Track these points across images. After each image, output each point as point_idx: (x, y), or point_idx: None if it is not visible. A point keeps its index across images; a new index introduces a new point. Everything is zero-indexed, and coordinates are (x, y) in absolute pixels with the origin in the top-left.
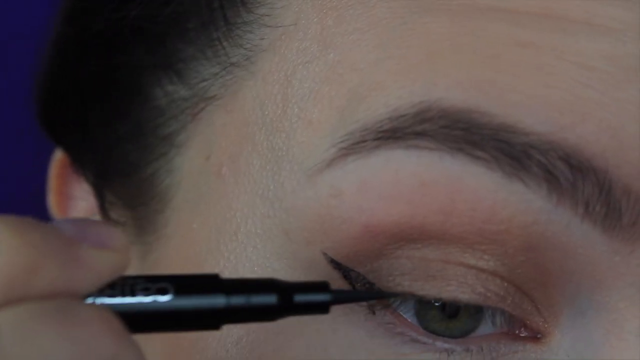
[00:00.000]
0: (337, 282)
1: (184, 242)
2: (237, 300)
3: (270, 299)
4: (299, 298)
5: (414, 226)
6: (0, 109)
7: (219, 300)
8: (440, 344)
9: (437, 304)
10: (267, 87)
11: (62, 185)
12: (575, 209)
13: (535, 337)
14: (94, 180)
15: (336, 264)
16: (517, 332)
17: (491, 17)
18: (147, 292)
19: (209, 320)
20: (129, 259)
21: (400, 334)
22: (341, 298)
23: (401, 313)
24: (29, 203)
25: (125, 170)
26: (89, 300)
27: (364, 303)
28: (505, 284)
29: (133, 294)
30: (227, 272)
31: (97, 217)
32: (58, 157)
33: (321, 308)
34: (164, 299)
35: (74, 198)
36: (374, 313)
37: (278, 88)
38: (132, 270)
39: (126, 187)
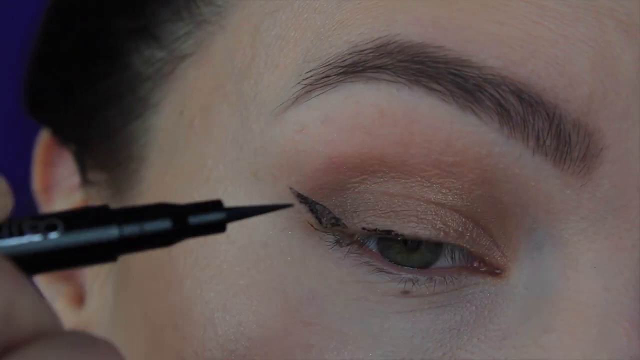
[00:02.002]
0: (305, 216)
1: (158, 194)
2: (131, 229)
3: (165, 224)
4: (194, 220)
5: (374, 156)
6: None
7: (111, 232)
8: (404, 273)
9: (398, 239)
10: (236, 39)
11: (45, 156)
12: (527, 142)
13: (494, 272)
14: (76, 147)
15: (302, 198)
16: (475, 265)
17: None
18: (35, 230)
19: (104, 252)
20: (10, 202)
21: (366, 264)
22: (236, 214)
23: (365, 245)
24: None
25: (105, 134)
26: None
27: (332, 236)
28: (464, 219)
29: (21, 234)
30: None
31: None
32: (43, 137)
33: (217, 227)
34: (54, 235)
35: (56, 166)
36: (340, 245)
37: (247, 38)
38: None
39: (105, 150)
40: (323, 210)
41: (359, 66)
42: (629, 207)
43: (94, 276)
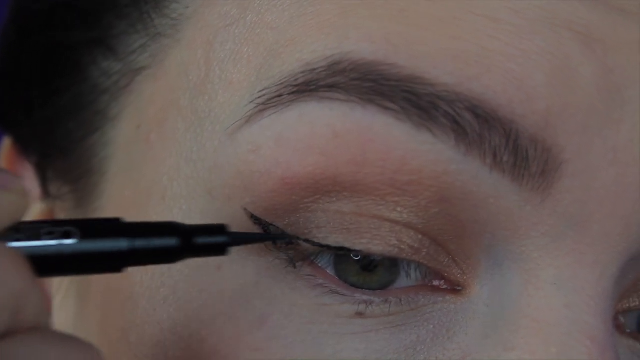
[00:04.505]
0: None
1: (117, 209)
2: (140, 243)
3: (171, 241)
4: (199, 240)
5: (328, 177)
6: None
7: (121, 244)
8: (359, 295)
9: (356, 258)
10: (191, 53)
11: (7, 167)
12: (484, 159)
13: (455, 289)
14: (37, 159)
15: (256, 219)
16: (435, 284)
17: None
18: (52, 235)
19: (113, 262)
20: (28, 202)
21: (320, 286)
22: (238, 240)
23: (321, 267)
24: None
25: (65, 146)
26: None
27: (285, 256)
28: (420, 236)
29: (39, 238)
30: None
31: (38, 194)
32: (5, 144)
33: (219, 249)
34: (69, 242)
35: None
36: (294, 266)
37: (201, 53)
38: None
39: (66, 163)
40: (276, 231)
41: (312, 85)
42: (590, 222)
43: (56, 290)
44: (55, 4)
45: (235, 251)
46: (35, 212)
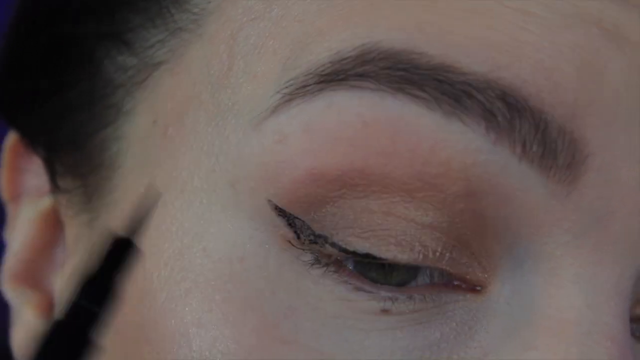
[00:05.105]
0: (282, 230)
1: (131, 204)
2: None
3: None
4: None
5: (355, 168)
6: None
7: None
8: (384, 292)
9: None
10: (213, 47)
11: (14, 162)
12: (513, 148)
13: (475, 289)
14: (45, 153)
15: (280, 211)
16: (455, 283)
17: None
18: None
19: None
20: None
21: (344, 282)
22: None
23: (342, 262)
24: None
25: (75, 140)
26: None
27: (309, 254)
28: (444, 239)
29: None
30: (174, 228)
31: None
32: (10, 140)
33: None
34: None
35: (24, 172)
36: (319, 264)
37: (224, 47)
38: (81, 238)
39: (75, 157)
40: (302, 225)
41: (341, 74)
42: (612, 219)
43: (64, 288)
44: None
45: (257, 244)
46: (42, 207)
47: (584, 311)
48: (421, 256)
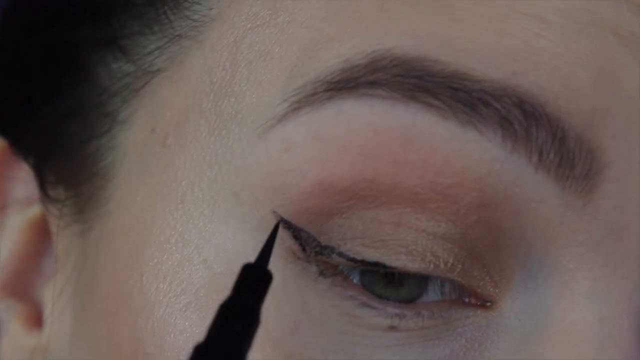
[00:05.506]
0: (287, 243)
1: (128, 214)
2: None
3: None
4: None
5: (365, 179)
6: None
7: None
8: (391, 309)
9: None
10: (215, 54)
11: (1, 169)
12: (530, 157)
13: (485, 305)
14: (35, 161)
15: (286, 223)
16: (466, 300)
17: None
18: None
19: None
20: None
21: (350, 298)
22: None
23: (348, 276)
24: None
25: (68, 149)
26: None
27: (315, 266)
28: (456, 250)
29: None
30: (174, 239)
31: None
32: None
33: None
34: None
35: (12, 180)
36: (324, 276)
37: (227, 54)
38: (73, 249)
39: (68, 166)
40: (308, 237)
41: (351, 82)
42: (626, 231)
43: (55, 300)
44: (62, 1)
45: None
46: (30, 216)
47: (597, 326)
48: (432, 266)
